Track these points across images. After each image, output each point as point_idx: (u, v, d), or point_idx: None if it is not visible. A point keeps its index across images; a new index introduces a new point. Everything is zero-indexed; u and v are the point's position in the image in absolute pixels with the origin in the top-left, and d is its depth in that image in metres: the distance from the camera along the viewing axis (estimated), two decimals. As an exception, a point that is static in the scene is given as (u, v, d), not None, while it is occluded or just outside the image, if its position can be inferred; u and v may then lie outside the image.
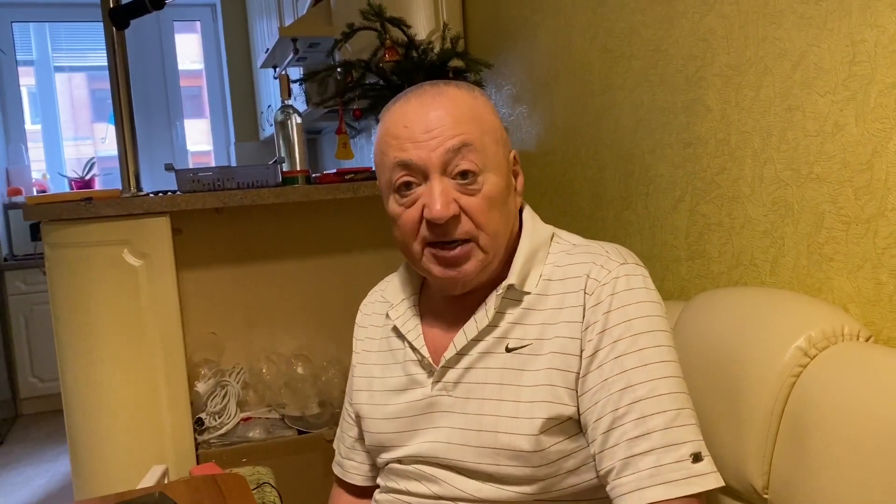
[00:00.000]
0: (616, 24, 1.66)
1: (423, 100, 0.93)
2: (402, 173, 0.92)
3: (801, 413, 0.97)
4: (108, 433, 1.93)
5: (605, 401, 0.85)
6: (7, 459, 3.57)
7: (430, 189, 0.91)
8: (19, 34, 4.93)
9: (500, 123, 0.99)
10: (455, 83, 0.97)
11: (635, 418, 0.83)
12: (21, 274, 4.23)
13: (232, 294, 2.19)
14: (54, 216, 1.88)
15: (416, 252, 0.95)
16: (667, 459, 0.81)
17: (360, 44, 2.25)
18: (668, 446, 0.82)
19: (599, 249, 0.95)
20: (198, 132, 5.51)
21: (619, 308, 0.88)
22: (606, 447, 0.84)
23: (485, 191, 0.92)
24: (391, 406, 1.01)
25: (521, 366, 0.91)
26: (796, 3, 1.17)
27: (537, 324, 0.92)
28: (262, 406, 2.15)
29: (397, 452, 1.00)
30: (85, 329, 1.92)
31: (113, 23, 1.96)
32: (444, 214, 0.89)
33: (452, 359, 0.95)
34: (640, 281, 0.91)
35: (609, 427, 0.84)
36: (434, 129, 0.91)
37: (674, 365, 0.87)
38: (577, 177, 1.88)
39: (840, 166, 1.11)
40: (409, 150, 0.91)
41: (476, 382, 0.94)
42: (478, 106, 0.95)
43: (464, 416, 0.94)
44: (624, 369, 0.85)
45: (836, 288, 1.14)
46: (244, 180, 2.02)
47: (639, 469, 0.82)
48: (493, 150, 0.94)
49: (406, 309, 1.04)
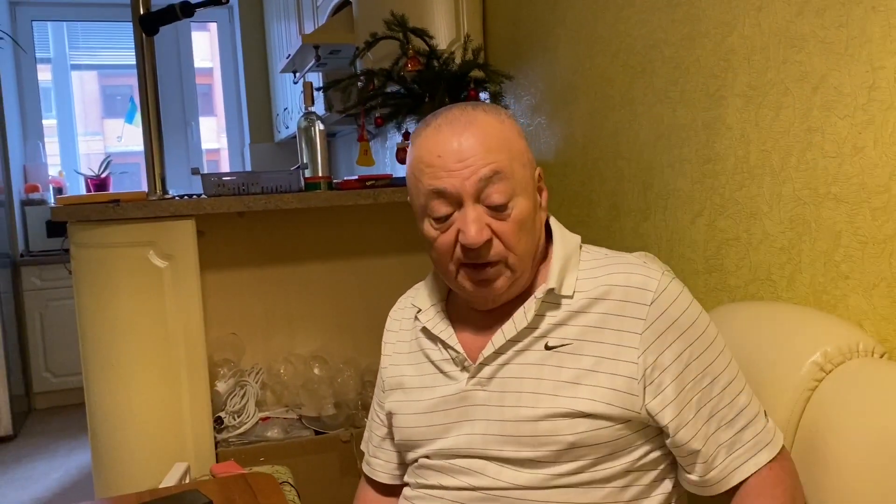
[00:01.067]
0: (637, 41, 1.70)
1: (454, 128, 0.98)
2: (438, 201, 0.98)
3: (816, 427, 1.01)
4: (130, 430, 1.97)
5: (700, 394, 0.96)
6: (21, 454, 3.61)
7: (464, 216, 0.96)
8: (38, 32, 4.99)
9: (526, 145, 1.03)
10: (483, 107, 1.02)
11: (728, 403, 0.96)
12: (37, 270, 4.28)
13: (253, 296, 2.23)
14: (82, 217, 1.92)
15: (452, 271, 1.01)
16: (759, 427, 0.97)
17: (382, 52, 2.29)
18: (754, 418, 0.97)
19: (636, 260, 1.02)
20: (207, 130, 5.56)
21: (682, 314, 0.97)
22: (711, 433, 0.95)
23: (514, 215, 0.98)
24: (424, 401, 1.05)
25: (559, 363, 0.97)
26: (818, 28, 1.20)
27: (579, 325, 0.98)
28: (279, 406, 2.19)
29: (430, 447, 1.04)
30: (109, 328, 1.96)
31: (143, 29, 2.01)
32: (477, 241, 0.95)
33: (490, 357, 1.00)
34: (680, 286, 1.00)
35: (710, 415, 0.96)
36: (467, 159, 0.96)
37: (728, 350, 1.00)
38: (596, 188, 1.92)
39: (858, 187, 1.15)
40: (443, 179, 0.96)
41: (512, 377, 0.99)
42: (506, 131, 1.00)
43: (500, 408, 0.99)
44: (706, 365, 0.97)
45: (852, 305, 1.18)
46: (268, 185, 2.06)
47: (744, 441, 0.95)
48: (521, 174, 0.99)
49: (435, 313, 1.09)
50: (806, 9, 1.22)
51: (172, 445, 1.97)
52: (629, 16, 1.72)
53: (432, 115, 1.03)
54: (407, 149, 2.35)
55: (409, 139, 2.30)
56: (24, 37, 4.89)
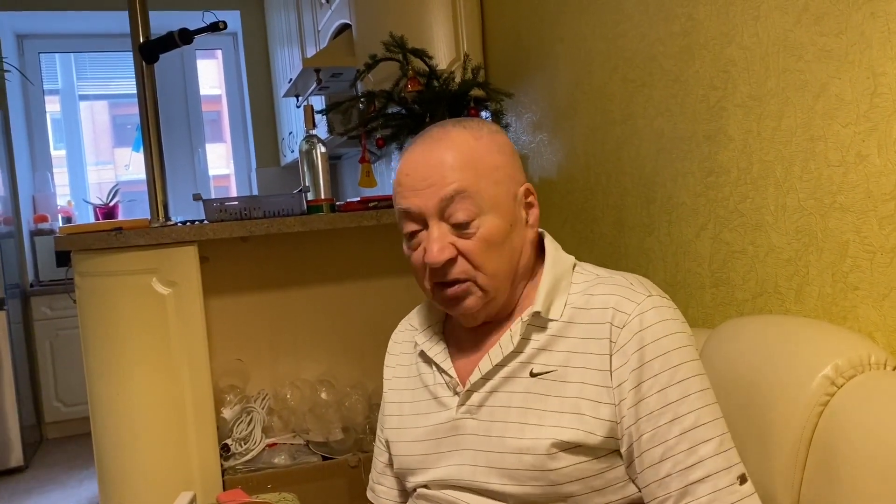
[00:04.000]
0: (636, 55, 1.69)
1: (424, 147, 0.99)
2: (407, 221, 0.99)
3: (829, 442, 0.98)
4: (136, 459, 1.96)
5: (653, 433, 0.88)
6: (32, 484, 3.60)
7: (428, 235, 0.97)
8: (46, 64, 5.05)
9: (506, 161, 1.00)
10: (463, 124, 1.01)
11: (687, 448, 0.87)
12: (47, 299, 4.29)
13: (257, 321, 2.22)
14: (85, 246, 1.92)
15: (428, 289, 1.01)
16: (721, 484, 0.86)
17: (382, 74, 2.29)
18: (720, 471, 0.86)
19: (623, 281, 0.97)
20: (217, 156, 5.59)
21: (654, 341, 0.90)
22: (659, 477, 0.88)
23: (481, 234, 0.96)
24: (419, 429, 1.04)
25: (545, 391, 0.94)
26: (816, 35, 1.19)
27: (562, 351, 0.95)
28: (286, 432, 2.17)
29: (424, 476, 1.02)
30: (114, 356, 1.95)
31: (143, 57, 2.02)
32: (438, 259, 0.95)
33: (477, 382, 0.99)
34: (669, 312, 0.93)
35: (661, 458, 0.87)
36: (429, 178, 0.96)
37: (710, 392, 0.91)
38: (599, 203, 1.90)
39: (864, 196, 1.12)
40: (409, 198, 0.97)
41: (499, 406, 0.97)
42: (479, 148, 0.98)
43: (487, 438, 0.96)
44: (668, 402, 0.88)
45: (862, 316, 1.15)
46: (270, 209, 2.05)
47: (697, 496, 0.86)
48: (492, 192, 0.96)
49: (432, 335, 1.08)
50: (804, 17, 1.21)
51: (179, 474, 1.95)
52: (627, 30, 1.71)
53: (419, 135, 1.04)
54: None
55: (411, 159, 2.30)
56: (32, 69, 4.94)
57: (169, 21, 3.17)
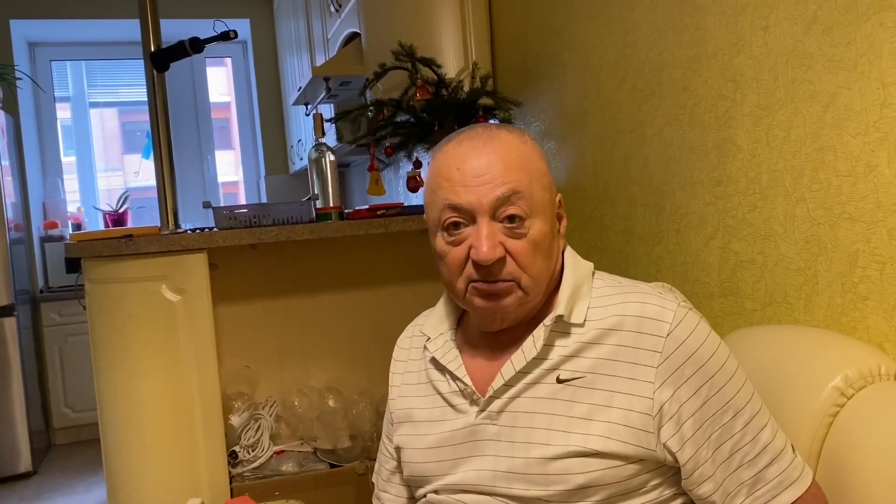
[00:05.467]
0: (645, 65, 1.69)
1: (475, 143, 0.97)
2: (452, 215, 0.96)
3: (839, 454, 0.97)
4: (145, 465, 1.96)
5: (721, 431, 0.91)
6: (40, 490, 3.61)
7: (477, 231, 0.94)
8: (57, 72, 5.09)
9: (547, 168, 1.01)
10: (507, 128, 1.01)
11: (752, 438, 0.92)
12: (56, 306, 4.31)
13: (266, 328, 2.22)
14: (96, 253, 1.93)
15: (461, 289, 0.99)
16: (785, 463, 0.92)
17: (391, 82, 2.30)
18: (781, 451, 0.92)
19: (649, 289, 0.99)
20: (225, 163, 5.62)
21: (700, 346, 0.93)
22: (731, 471, 0.91)
23: (531, 235, 0.95)
24: (432, 436, 1.03)
25: (571, 397, 0.94)
26: (826, 46, 1.19)
27: (591, 358, 0.95)
28: (294, 439, 2.17)
29: (438, 483, 1.01)
30: (123, 363, 1.95)
31: (154, 66, 2.03)
32: (490, 257, 0.93)
33: (500, 389, 0.98)
34: (697, 317, 0.96)
35: (731, 452, 0.91)
36: (485, 175, 0.94)
37: (750, 383, 0.96)
38: (608, 212, 1.90)
39: (873, 206, 1.12)
40: (460, 194, 0.95)
41: (523, 412, 0.96)
42: (528, 152, 0.98)
43: (510, 444, 0.96)
44: (727, 399, 0.92)
45: (872, 327, 1.15)
46: (279, 217, 2.06)
47: (767, 479, 0.91)
48: (540, 196, 0.97)
49: (444, 342, 1.06)
50: (813, 28, 1.21)
51: (187, 480, 1.95)
52: (636, 39, 1.71)
53: (455, 133, 1.02)
54: (418, 177, 2.35)
55: (419, 168, 2.31)
56: (44, 76, 4.98)
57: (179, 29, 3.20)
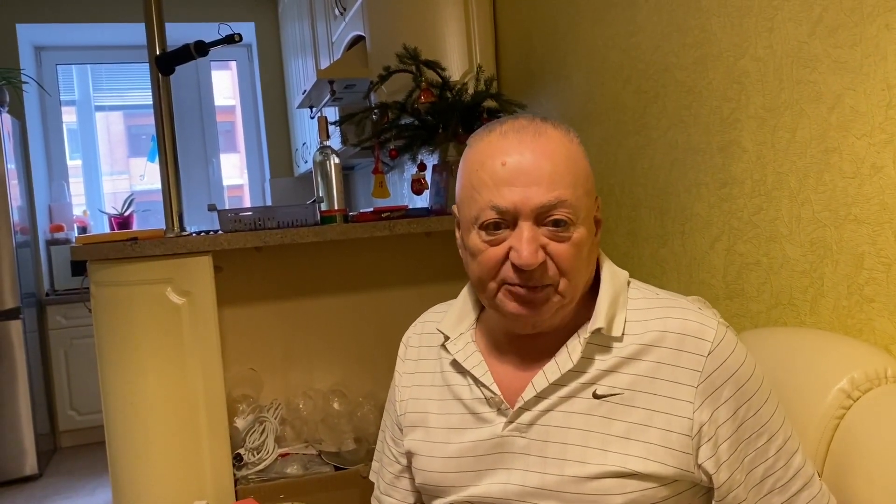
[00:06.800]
0: (649, 67, 1.69)
1: (521, 137, 0.91)
2: (493, 215, 0.90)
3: (845, 456, 0.97)
4: (150, 467, 1.96)
5: (754, 454, 0.90)
6: (46, 492, 3.62)
7: (518, 234, 0.89)
8: (63, 76, 5.11)
9: (590, 170, 0.96)
10: (552, 122, 0.95)
11: (784, 464, 0.90)
12: (62, 309, 4.32)
13: (270, 330, 2.22)
14: (101, 255, 1.93)
15: (492, 289, 0.93)
16: (815, 490, 0.91)
17: (396, 85, 2.30)
18: (810, 480, 0.91)
19: (688, 304, 0.95)
20: (231, 166, 5.63)
21: (739, 367, 0.90)
22: (762, 495, 0.90)
23: (574, 239, 0.90)
24: (453, 445, 0.98)
25: (608, 414, 0.90)
26: (831, 47, 1.18)
27: (630, 374, 0.91)
28: (299, 442, 2.17)
29: (458, 494, 0.97)
30: (128, 365, 1.96)
31: (159, 69, 2.03)
32: (532, 262, 0.88)
33: (531, 401, 0.93)
34: (736, 337, 0.94)
35: (763, 477, 0.90)
36: (531, 174, 0.89)
37: (782, 406, 0.94)
38: (612, 214, 1.90)
39: (879, 208, 1.12)
40: (505, 195, 0.89)
41: (557, 426, 0.92)
42: (574, 152, 0.93)
43: (542, 459, 0.92)
44: (763, 423, 0.90)
45: (878, 329, 1.14)
46: (284, 219, 2.06)
47: None
48: (584, 202, 0.92)
49: (466, 343, 1.01)
50: (818, 29, 1.21)
51: (191, 483, 1.96)
52: (640, 42, 1.71)
53: (495, 122, 0.95)
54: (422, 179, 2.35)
55: (423, 170, 2.31)
56: (50, 80, 5.00)
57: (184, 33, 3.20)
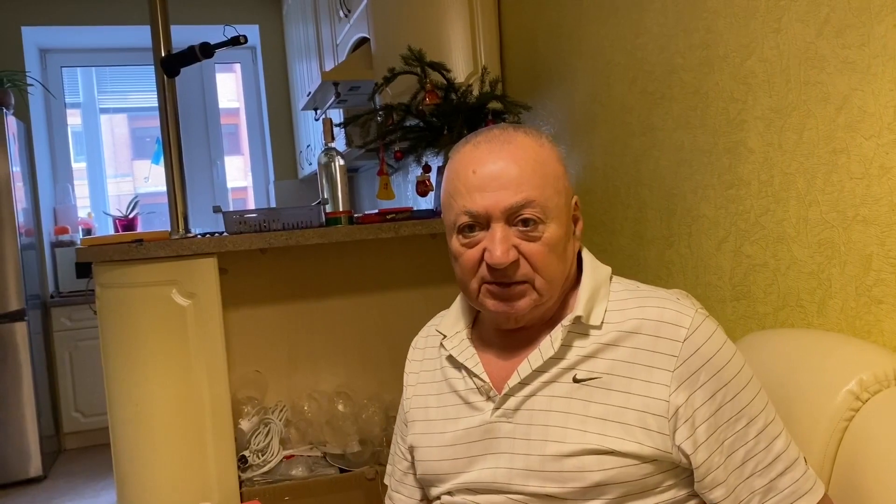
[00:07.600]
0: (655, 68, 1.68)
1: (491, 146, 0.99)
2: (466, 218, 0.98)
3: (854, 458, 0.96)
4: (155, 469, 1.96)
5: (734, 438, 0.91)
6: (51, 494, 3.62)
7: (491, 235, 0.96)
8: (68, 78, 5.12)
9: (563, 170, 1.02)
10: (524, 129, 1.02)
11: (765, 447, 0.91)
12: (67, 310, 4.33)
13: (275, 332, 2.22)
14: (106, 257, 1.93)
15: (474, 289, 1.01)
16: (798, 473, 0.91)
17: (400, 87, 2.30)
18: (794, 461, 0.92)
19: (666, 294, 1.00)
20: (235, 169, 5.64)
21: (717, 353, 0.93)
22: (744, 478, 0.91)
23: (544, 238, 0.97)
24: (447, 434, 1.04)
25: (587, 397, 0.95)
26: (838, 48, 1.18)
27: (608, 359, 0.96)
28: (304, 444, 2.17)
29: (453, 482, 1.02)
30: (133, 367, 1.96)
31: (165, 71, 2.04)
32: (503, 261, 0.95)
33: (515, 387, 0.99)
34: (714, 324, 0.97)
35: (743, 460, 0.91)
36: (500, 179, 0.96)
37: (764, 392, 0.95)
38: (618, 216, 1.90)
39: (887, 209, 1.11)
40: (476, 200, 0.96)
41: (539, 409, 0.97)
42: (543, 155, 0.99)
43: (526, 441, 0.96)
44: (742, 406, 0.92)
45: (887, 330, 1.14)
46: (289, 221, 2.06)
47: (780, 489, 0.91)
48: (555, 201, 0.98)
49: (461, 340, 1.08)
50: (825, 29, 1.20)
51: (197, 485, 1.95)
52: (646, 42, 1.71)
53: (472, 134, 1.04)
54: (427, 181, 2.35)
55: (428, 172, 2.31)
56: (54, 83, 5.01)
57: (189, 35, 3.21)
